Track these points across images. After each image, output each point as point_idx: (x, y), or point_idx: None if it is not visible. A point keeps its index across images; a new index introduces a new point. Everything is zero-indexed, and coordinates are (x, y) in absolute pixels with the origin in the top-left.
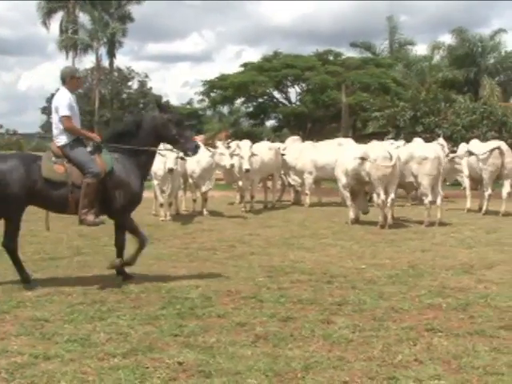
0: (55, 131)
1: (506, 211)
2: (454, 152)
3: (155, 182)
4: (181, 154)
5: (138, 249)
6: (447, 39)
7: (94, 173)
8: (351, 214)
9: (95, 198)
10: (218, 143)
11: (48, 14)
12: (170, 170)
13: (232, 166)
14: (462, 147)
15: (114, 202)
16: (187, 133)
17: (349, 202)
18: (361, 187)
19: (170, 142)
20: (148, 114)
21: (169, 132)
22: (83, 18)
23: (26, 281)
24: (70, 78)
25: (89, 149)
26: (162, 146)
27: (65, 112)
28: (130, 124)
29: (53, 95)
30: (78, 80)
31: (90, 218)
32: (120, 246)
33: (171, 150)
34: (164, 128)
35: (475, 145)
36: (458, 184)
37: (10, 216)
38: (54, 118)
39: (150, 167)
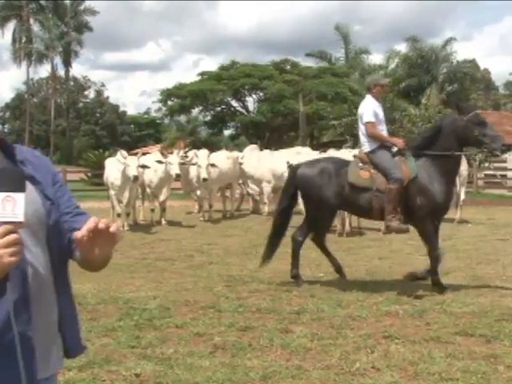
0: (362, 138)
1: (461, 218)
2: None
3: (112, 192)
4: (141, 163)
5: (433, 261)
6: (402, 48)
7: (396, 178)
8: None
9: (399, 204)
10: (174, 152)
11: (1, 22)
12: (136, 178)
13: (178, 175)
14: None
15: (417, 209)
16: (491, 132)
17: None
18: None
19: (473, 143)
20: (448, 118)
21: (470, 134)
22: (38, 26)
23: (294, 277)
24: (374, 86)
25: (392, 154)
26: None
27: (368, 118)
28: (431, 129)
29: (7, 104)
30: (382, 88)
31: (395, 223)
32: (432, 257)
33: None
34: (465, 130)
35: None
36: None
37: (318, 218)
38: (360, 125)
39: (455, 172)
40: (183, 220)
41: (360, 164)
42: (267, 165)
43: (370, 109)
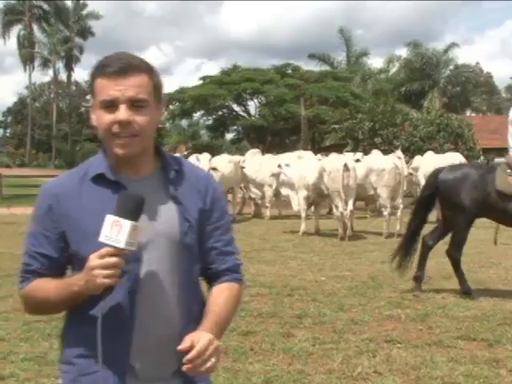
0: (510, 142)
1: None
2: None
3: None
4: None
5: None
6: (403, 52)
7: None
8: (303, 227)
9: None
10: (177, 155)
11: (6, 26)
12: None
13: None
14: (417, 159)
15: None
16: None
17: (304, 215)
18: (320, 199)
19: None
20: None
21: None
22: (40, 31)
23: (466, 292)
24: None
25: None
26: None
27: None
28: None
29: (9, 109)
30: None
31: None
32: None
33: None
34: None
35: (430, 157)
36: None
37: (456, 225)
38: (510, 129)
39: None
40: None
41: (508, 170)
42: (269, 169)
43: None
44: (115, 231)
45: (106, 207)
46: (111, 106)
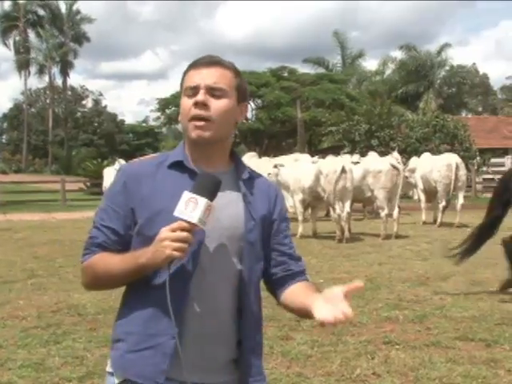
0: None
1: (459, 223)
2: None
3: None
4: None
5: None
6: (399, 54)
7: None
8: (301, 229)
9: None
10: None
11: (5, 33)
12: None
13: None
14: (413, 161)
15: None
16: None
17: (301, 218)
18: (317, 202)
19: None
20: None
21: None
22: (35, 37)
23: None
24: None
25: None
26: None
27: None
28: None
29: (5, 114)
30: None
31: None
32: None
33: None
34: None
35: (427, 158)
36: (407, 197)
37: None
38: None
39: None
40: None
41: None
42: (266, 172)
43: None
44: (190, 207)
45: (177, 191)
46: (194, 92)
